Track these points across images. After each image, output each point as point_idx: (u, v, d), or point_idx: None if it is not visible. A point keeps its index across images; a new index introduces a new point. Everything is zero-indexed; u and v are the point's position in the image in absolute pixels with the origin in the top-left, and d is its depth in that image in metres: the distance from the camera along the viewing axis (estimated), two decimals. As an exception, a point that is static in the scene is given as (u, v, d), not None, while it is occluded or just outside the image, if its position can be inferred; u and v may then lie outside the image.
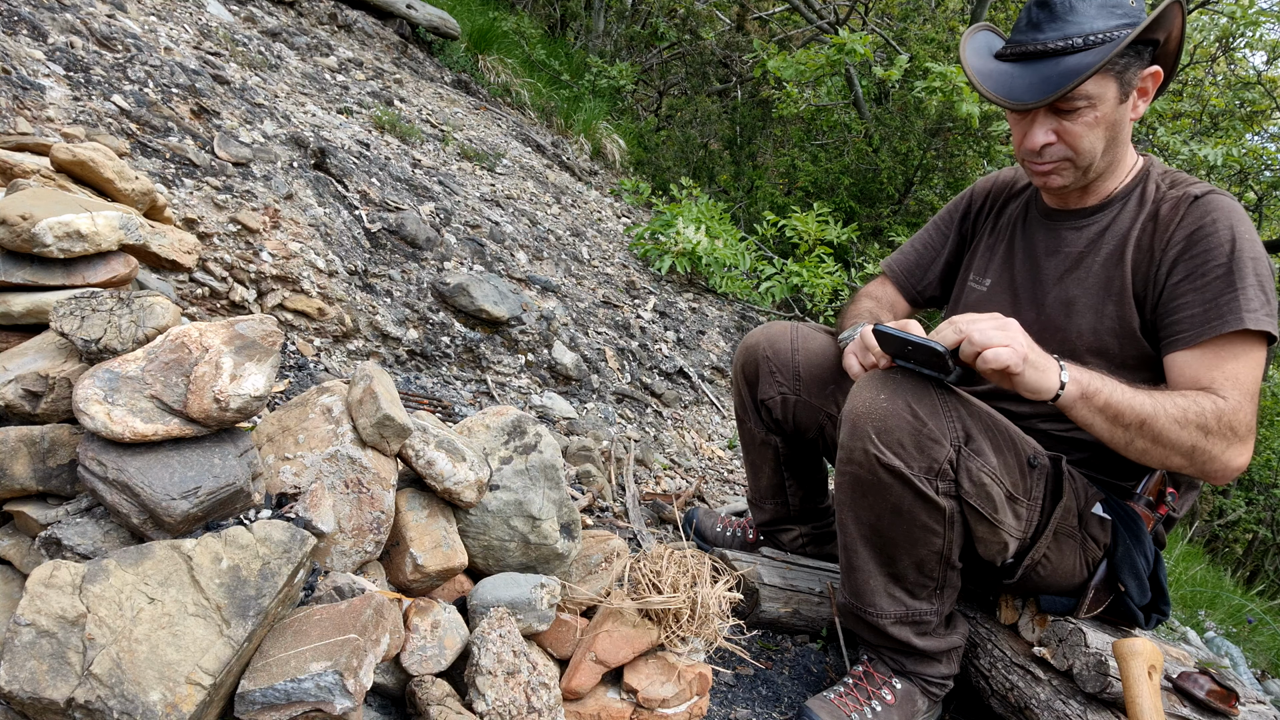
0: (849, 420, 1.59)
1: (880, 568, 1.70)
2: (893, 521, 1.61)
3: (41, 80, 2.41)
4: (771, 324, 2.11)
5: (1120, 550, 1.69)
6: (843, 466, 1.63)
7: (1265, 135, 7.19)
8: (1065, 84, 1.52)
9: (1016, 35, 1.62)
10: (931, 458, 1.53)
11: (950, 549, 1.64)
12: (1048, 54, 1.57)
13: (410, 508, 1.44)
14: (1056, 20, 1.56)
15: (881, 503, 1.60)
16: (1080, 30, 1.54)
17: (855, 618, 1.79)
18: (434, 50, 6.34)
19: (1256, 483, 8.70)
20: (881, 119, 6.91)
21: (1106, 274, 1.68)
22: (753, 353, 2.07)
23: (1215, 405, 1.46)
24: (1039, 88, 1.56)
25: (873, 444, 1.55)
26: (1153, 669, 1.51)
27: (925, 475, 1.54)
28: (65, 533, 1.14)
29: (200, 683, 0.99)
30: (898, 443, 1.53)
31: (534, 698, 1.35)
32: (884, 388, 1.57)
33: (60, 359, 1.23)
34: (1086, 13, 1.55)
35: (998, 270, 1.88)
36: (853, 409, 1.59)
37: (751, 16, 8.84)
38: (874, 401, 1.56)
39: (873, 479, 1.58)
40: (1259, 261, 1.53)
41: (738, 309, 4.96)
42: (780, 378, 2.03)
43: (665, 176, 7.19)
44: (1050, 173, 1.67)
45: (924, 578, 1.68)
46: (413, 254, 3.08)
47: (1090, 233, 1.73)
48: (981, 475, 1.55)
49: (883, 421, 1.54)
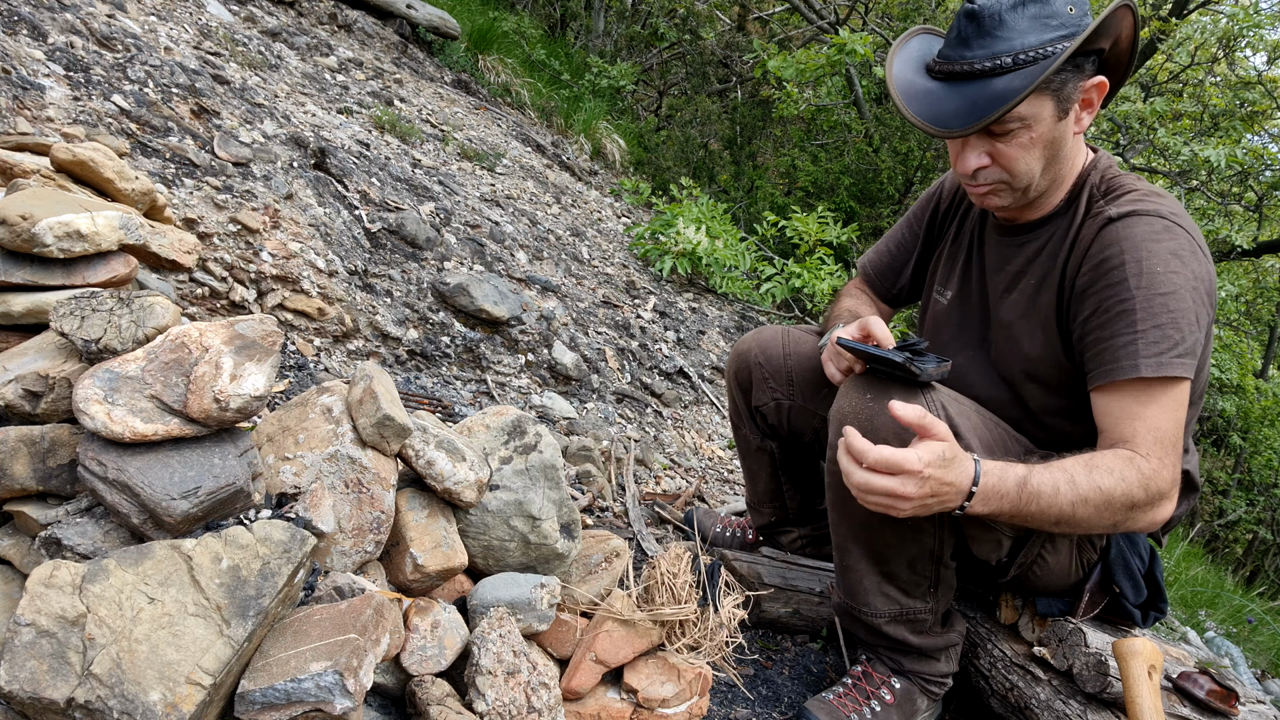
0: (834, 422, 1.58)
1: (873, 567, 1.69)
2: (882, 521, 1.58)
3: (41, 80, 2.41)
4: (762, 329, 2.08)
5: (1114, 551, 1.69)
6: (831, 468, 1.62)
7: (1265, 135, 7.19)
8: (992, 110, 1.41)
9: (945, 50, 1.50)
10: None
11: (941, 547, 1.63)
12: (975, 75, 1.45)
13: (410, 508, 1.44)
14: (985, 36, 1.43)
15: None
16: (1010, 47, 1.42)
17: (851, 617, 1.78)
18: (434, 50, 6.34)
19: (1257, 483, 8.70)
20: (882, 119, 6.91)
21: (1035, 299, 1.61)
22: (744, 359, 2.05)
23: (1139, 474, 1.38)
24: (965, 113, 1.44)
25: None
26: (1153, 669, 1.51)
27: None
28: (65, 533, 1.14)
29: (200, 683, 0.99)
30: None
31: (534, 698, 1.35)
32: (869, 388, 1.55)
33: (60, 359, 1.23)
34: (1017, 26, 1.42)
35: (957, 282, 1.83)
36: (838, 410, 1.58)
37: (752, 16, 8.84)
38: (859, 402, 1.55)
39: None
40: (1172, 296, 1.40)
41: (738, 309, 4.96)
42: (773, 383, 2.01)
43: (665, 176, 7.19)
44: (987, 194, 1.59)
45: (916, 576, 1.68)
46: (413, 254, 3.08)
47: (1029, 250, 1.65)
48: None
49: (868, 422, 1.52)
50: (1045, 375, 1.61)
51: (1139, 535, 1.69)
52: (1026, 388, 1.65)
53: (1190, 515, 7.41)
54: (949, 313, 1.83)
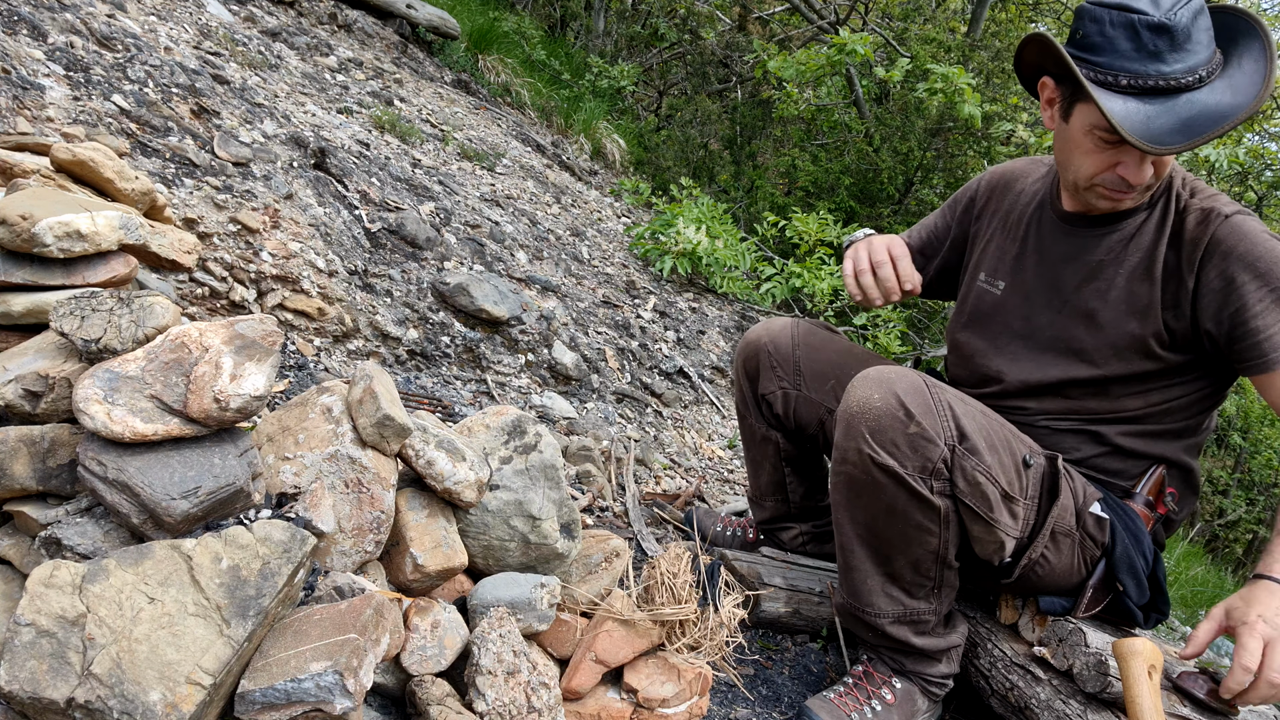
0: (843, 420, 1.60)
1: (877, 567, 1.70)
2: (888, 521, 1.61)
3: (41, 80, 2.41)
4: (772, 319, 2.11)
5: (1119, 549, 1.68)
6: (838, 466, 1.64)
7: (1265, 135, 7.19)
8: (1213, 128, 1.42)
9: (1128, 64, 1.46)
10: (925, 457, 1.53)
11: (946, 548, 1.64)
12: (1176, 90, 1.45)
13: (410, 507, 1.44)
14: (1178, 50, 1.43)
15: (876, 502, 1.60)
16: (1200, 60, 1.45)
17: (854, 617, 1.78)
18: (434, 50, 6.34)
19: (1257, 483, 8.70)
20: (882, 119, 6.91)
21: (1131, 288, 1.64)
22: (754, 347, 2.08)
23: None
24: (1181, 130, 1.43)
25: (866, 444, 1.55)
26: (1152, 669, 1.51)
27: (919, 474, 1.54)
28: (65, 533, 1.14)
29: (200, 683, 0.99)
30: (891, 442, 1.53)
31: (534, 697, 1.35)
32: (878, 387, 1.57)
33: (60, 359, 1.23)
34: (1200, 39, 1.46)
35: (1010, 273, 1.85)
36: (846, 408, 1.59)
37: (752, 16, 8.84)
38: (868, 401, 1.56)
39: (867, 479, 1.58)
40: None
41: (738, 309, 4.96)
42: (781, 372, 2.03)
43: (665, 176, 7.18)
44: (1126, 196, 1.62)
45: (921, 577, 1.68)
46: (413, 254, 3.08)
47: (1112, 241, 1.68)
48: (976, 474, 1.55)
49: (877, 421, 1.54)
50: (1128, 360, 1.65)
51: (1144, 535, 1.69)
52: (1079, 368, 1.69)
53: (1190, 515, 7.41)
54: (1004, 301, 1.85)
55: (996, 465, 1.57)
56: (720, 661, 1.82)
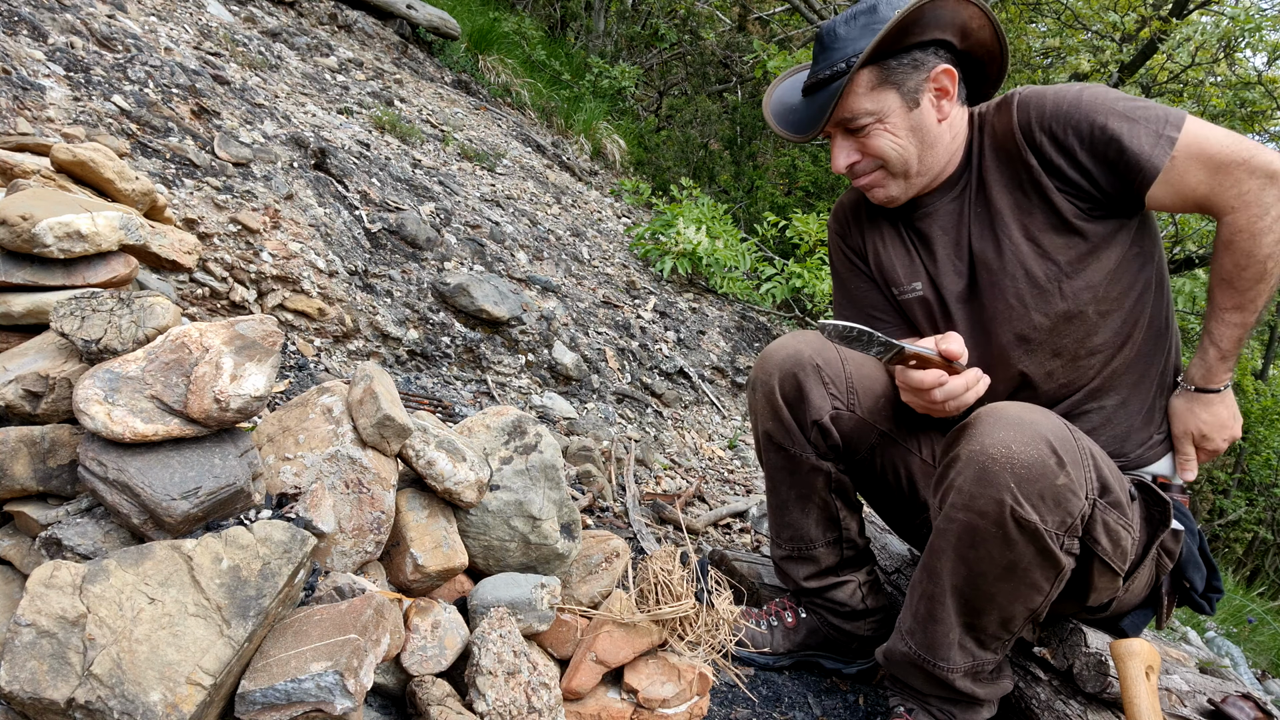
0: (977, 463, 1.41)
1: (961, 619, 1.55)
2: (1000, 577, 1.46)
3: (42, 80, 2.41)
4: (797, 333, 1.86)
5: (1184, 551, 1.61)
6: (955, 513, 1.45)
7: (1265, 135, 7.19)
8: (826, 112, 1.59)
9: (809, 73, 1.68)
10: (1067, 511, 1.40)
11: (1045, 607, 1.52)
12: (820, 84, 1.62)
13: (410, 508, 1.44)
14: (826, 51, 1.61)
15: (996, 558, 1.44)
16: (844, 55, 1.57)
17: (916, 669, 1.62)
18: (434, 50, 6.34)
19: (1257, 483, 8.70)
20: (881, 119, 6.90)
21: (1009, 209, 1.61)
22: (793, 363, 1.77)
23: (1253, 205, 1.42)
24: (814, 118, 1.63)
25: (1011, 495, 1.38)
26: (1150, 669, 1.51)
27: (1057, 531, 1.41)
28: (65, 533, 1.14)
29: (200, 683, 1.00)
30: (1039, 495, 1.38)
31: (534, 698, 1.35)
32: (1019, 430, 1.40)
33: (60, 359, 1.23)
34: (849, 36, 1.57)
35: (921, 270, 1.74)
36: (984, 452, 1.41)
37: (752, 16, 8.84)
38: (1010, 446, 1.39)
39: (998, 532, 1.41)
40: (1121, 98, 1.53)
41: (738, 309, 4.96)
42: (834, 389, 1.77)
43: (665, 177, 7.19)
44: (872, 187, 1.69)
45: (1004, 632, 1.56)
46: (413, 254, 3.08)
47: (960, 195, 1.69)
48: (1119, 529, 1.45)
49: (1026, 470, 1.37)
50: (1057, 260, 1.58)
51: (1191, 520, 1.63)
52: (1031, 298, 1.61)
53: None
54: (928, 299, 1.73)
55: (1134, 515, 1.49)
56: (721, 661, 1.82)
